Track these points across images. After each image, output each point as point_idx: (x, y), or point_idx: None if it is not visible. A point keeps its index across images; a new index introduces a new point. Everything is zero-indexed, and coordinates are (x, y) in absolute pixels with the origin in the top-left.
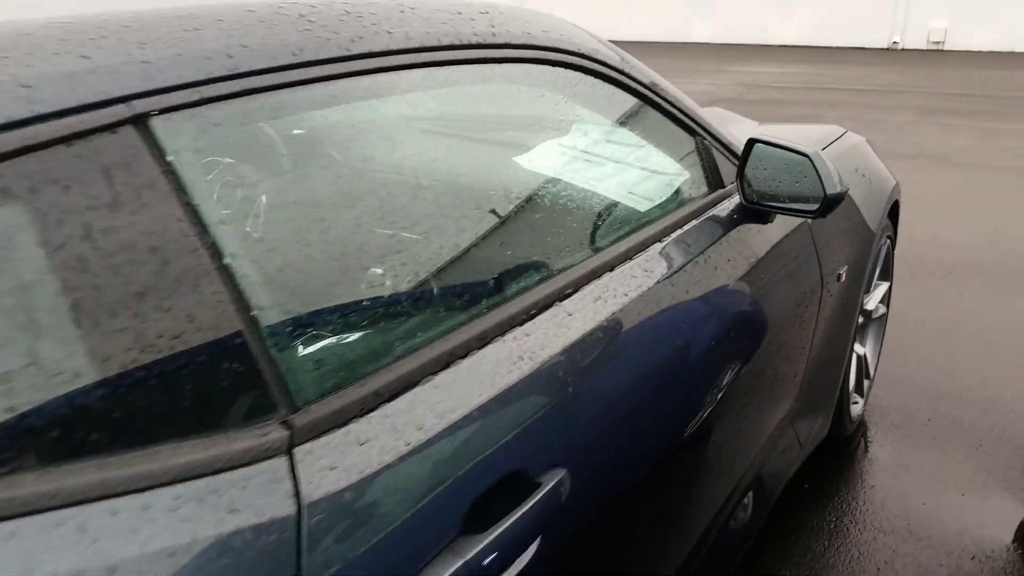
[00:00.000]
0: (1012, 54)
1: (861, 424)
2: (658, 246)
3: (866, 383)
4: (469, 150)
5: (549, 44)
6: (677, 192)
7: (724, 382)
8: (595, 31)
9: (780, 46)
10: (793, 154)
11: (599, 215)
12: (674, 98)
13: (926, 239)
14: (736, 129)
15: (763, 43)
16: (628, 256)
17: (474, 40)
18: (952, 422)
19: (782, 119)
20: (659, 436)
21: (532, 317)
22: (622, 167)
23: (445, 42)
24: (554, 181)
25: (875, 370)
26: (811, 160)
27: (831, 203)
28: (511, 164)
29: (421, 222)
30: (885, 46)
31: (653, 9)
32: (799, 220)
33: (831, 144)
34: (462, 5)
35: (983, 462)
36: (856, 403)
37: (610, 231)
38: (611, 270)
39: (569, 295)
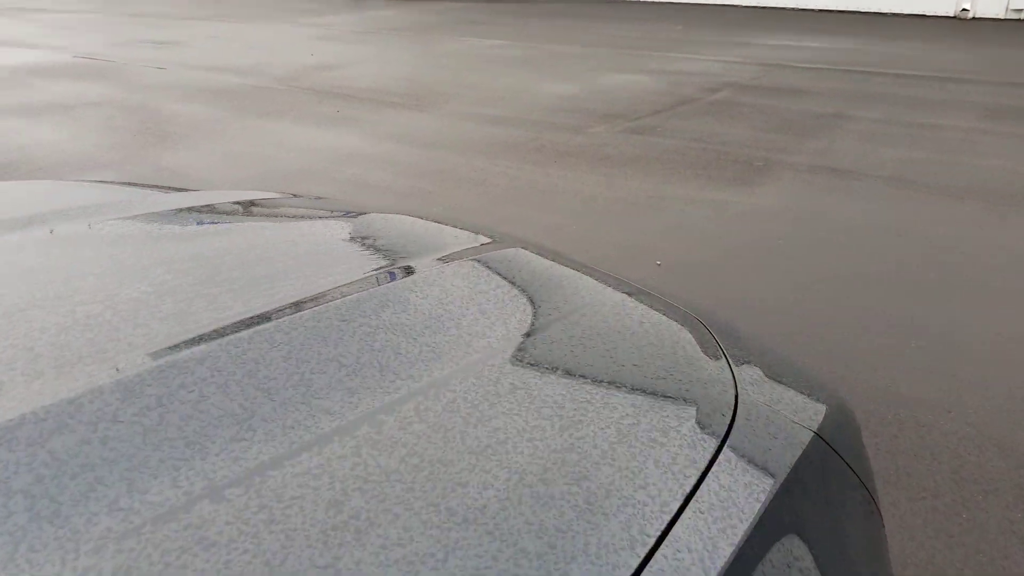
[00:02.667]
0: None
1: None
2: None
3: None
4: None
5: None
6: None
7: None
8: None
9: (822, 11)
10: None
11: None
12: None
13: (967, 403)
14: None
15: (803, 7)
16: None
17: None
18: None
19: (790, 121)
20: None
21: None
22: None
23: None
24: None
25: None
26: None
27: None
28: None
29: None
30: (952, 14)
31: None
32: None
33: None
34: None
35: None
36: None
37: None
38: None
39: None
